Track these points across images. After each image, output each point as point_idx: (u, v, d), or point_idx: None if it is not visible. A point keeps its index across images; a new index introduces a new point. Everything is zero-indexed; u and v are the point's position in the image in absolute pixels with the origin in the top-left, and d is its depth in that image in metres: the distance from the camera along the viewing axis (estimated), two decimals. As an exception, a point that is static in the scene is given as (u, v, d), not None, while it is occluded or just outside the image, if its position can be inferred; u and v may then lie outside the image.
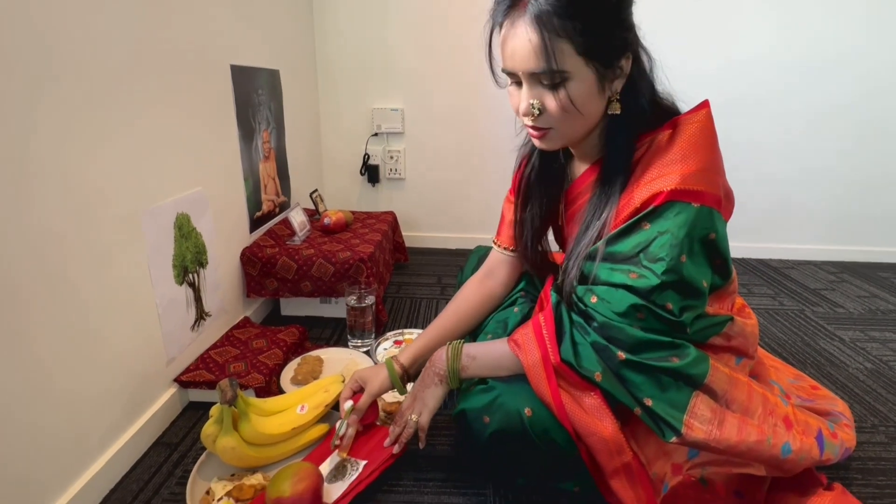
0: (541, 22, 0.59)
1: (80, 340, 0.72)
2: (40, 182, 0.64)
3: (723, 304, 0.75)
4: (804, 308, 1.50)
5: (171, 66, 0.92)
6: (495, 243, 0.94)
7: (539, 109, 0.65)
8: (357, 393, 0.81)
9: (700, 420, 0.64)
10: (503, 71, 0.67)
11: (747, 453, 0.66)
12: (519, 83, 0.66)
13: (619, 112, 0.67)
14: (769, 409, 0.70)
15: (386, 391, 0.80)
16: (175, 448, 0.86)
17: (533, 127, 0.68)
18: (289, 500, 0.67)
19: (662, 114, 0.69)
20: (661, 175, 0.64)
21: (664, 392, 0.64)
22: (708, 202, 0.64)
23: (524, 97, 0.66)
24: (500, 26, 0.65)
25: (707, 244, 0.66)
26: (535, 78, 0.64)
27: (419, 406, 0.77)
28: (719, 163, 0.68)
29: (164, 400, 0.90)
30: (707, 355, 0.68)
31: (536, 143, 0.71)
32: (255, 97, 1.30)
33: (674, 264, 0.62)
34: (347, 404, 0.80)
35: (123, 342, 0.81)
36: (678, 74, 0.71)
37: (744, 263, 1.88)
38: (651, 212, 0.64)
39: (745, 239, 1.91)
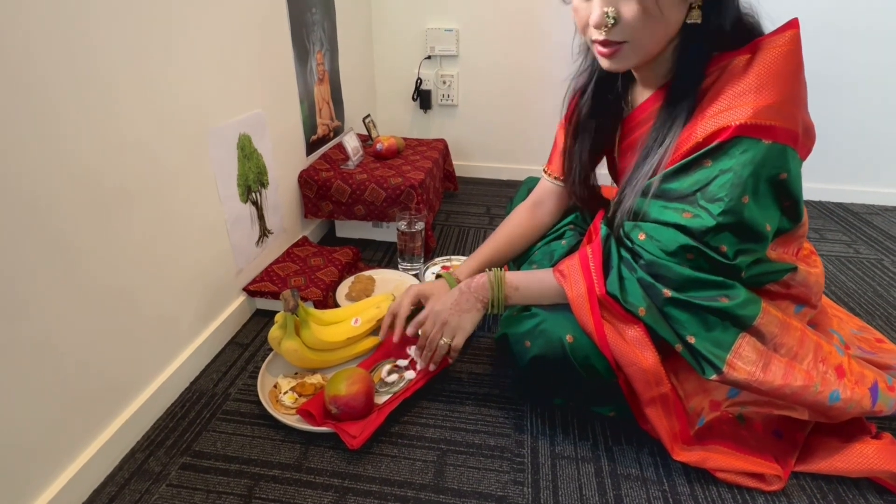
0: None
1: (162, 253, 0.80)
2: (123, 98, 0.69)
3: (788, 248, 0.71)
4: (883, 258, 1.39)
5: (229, -20, 0.92)
6: (545, 172, 0.91)
7: (614, 18, 0.59)
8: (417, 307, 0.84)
9: (744, 361, 0.63)
10: None
11: (791, 396, 0.65)
12: None
13: (699, 21, 0.60)
14: (821, 357, 0.68)
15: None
16: (246, 348, 0.97)
17: (604, 42, 0.62)
18: (344, 398, 0.74)
19: (744, 33, 0.62)
20: (731, 107, 0.58)
21: (709, 331, 0.63)
22: (781, 139, 0.58)
23: (597, 5, 0.59)
24: None
25: (776, 184, 0.61)
26: None
27: (452, 329, 0.77)
28: (802, 94, 0.61)
29: (235, 306, 1.00)
30: (759, 298, 0.66)
31: (605, 62, 0.65)
32: (310, 16, 1.27)
33: (733, 205, 0.59)
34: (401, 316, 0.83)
35: (198, 254, 0.89)
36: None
37: (819, 206, 1.73)
38: (715, 148, 0.59)
39: (821, 179, 1.73)
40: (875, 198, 1.76)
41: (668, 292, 0.63)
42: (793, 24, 0.60)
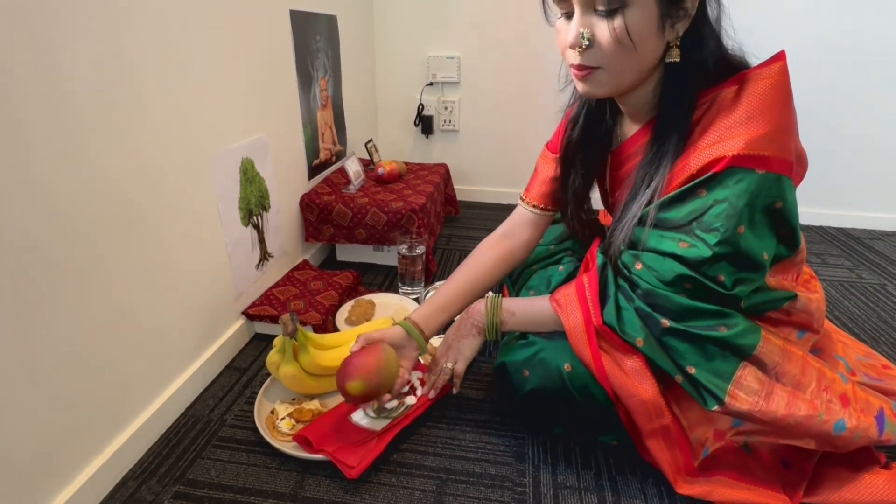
0: None
1: (161, 276, 0.80)
2: (128, 122, 0.70)
3: (787, 274, 0.71)
4: (886, 283, 1.38)
5: (234, 10, 0.94)
6: (522, 199, 0.89)
7: (588, 40, 0.59)
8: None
9: (746, 391, 0.62)
10: (554, 0, 0.62)
11: (795, 427, 0.64)
12: (569, 15, 0.61)
13: (678, 60, 0.61)
14: (824, 385, 0.66)
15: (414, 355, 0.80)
16: (244, 372, 0.96)
17: (579, 66, 0.62)
18: (350, 358, 0.73)
19: (729, 68, 0.62)
20: (723, 139, 0.59)
21: (709, 361, 0.62)
22: (776, 168, 0.58)
23: (574, 26, 0.60)
24: None
25: (772, 213, 0.61)
26: (588, 4, 0.59)
27: (454, 354, 0.79)
28: (793, 123, 0.61)
29: (233, 330, 1.00)
30: (758, 326, 0.65)
31: (580, 85, 0.65)
32: (314, 43, 1.31)
33: (729, 235, 0.59)
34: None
35: (198, 277, 0.89)
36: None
37: (820, 231, 1.73)
38: (709, 178, 0.59)
39: (822, 205, 1.75)
40: (876, 223, 1.77)
41: (666, 322, 0.62)
42: (780, 57, 0.61)
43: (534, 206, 0.88)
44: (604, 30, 0.58)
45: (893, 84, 1.59)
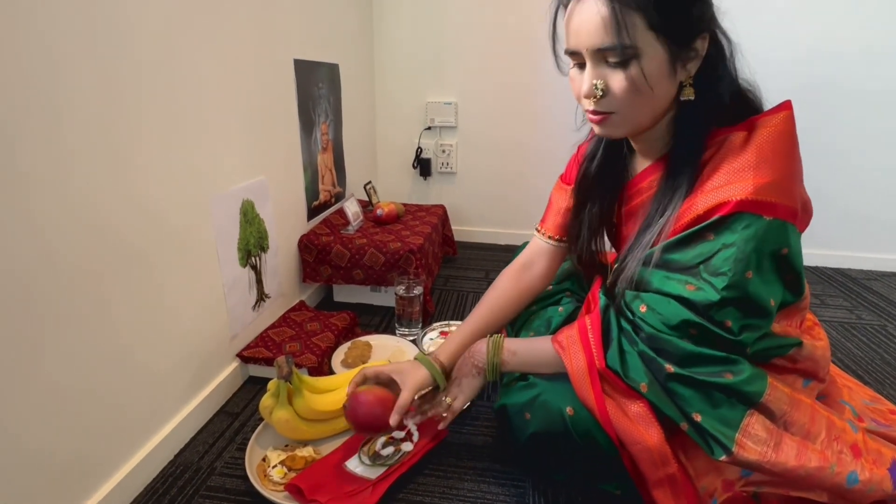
0: None
1: (156, 317, 0.79)
2: (123, 169, 0.71)
3: (792, 320, 0.70)
4: (886, 324, 1.38)
5: (240, 61, 0.98)
6: (538, 230, 0.90)
7: (602, 91, 0.61)
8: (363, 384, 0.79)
9: (754, 440, 0.60)
10: (566, 52, 0.64)
11: (807, 479, 0.61)
12: (582, 65, 0.63)
13: (692, 98, 0.62)
14: (834, 435, 0.65)
15: (426, 387, 0.78)
16: (236, 417, 0.93)
17: (594, 111, 0.64)
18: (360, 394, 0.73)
19: (745, 108, 0.64)
20: (730, 182, 0.59)
21: (715, 408, 0.61)
22: (782, 215, 0.59)
23: (587, 77, 0.62)
24: (566, 5, 0.62)
25: (778, 259, 0.61)
26: (600, 56, 0.60)
27: (455, 390, 0.78)
28: (799, 171, 0.62)
29: (227, 373, 0.98)
30: (765, 373, 0.64)
31: (596, 128, 0.67)
32: (316, 90, 1.36)
33: (737, 280, 0.58)
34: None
35: (193, 318, 0.88)
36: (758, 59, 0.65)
37: (818, 272, 1.74)
38: (717, 222, 0.59)
39: (819, 246, 1.76)
40: (874, 263, 1.78)
41: (670, 367, 0.61)
42: (786, 106, 0.62)
43: (549, 238, 0.88)
44: (616, 79, 0.60)
45: (885, 127, 1.64)
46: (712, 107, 0.63)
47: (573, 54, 0.64)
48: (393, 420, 0.73)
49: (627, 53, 0.58)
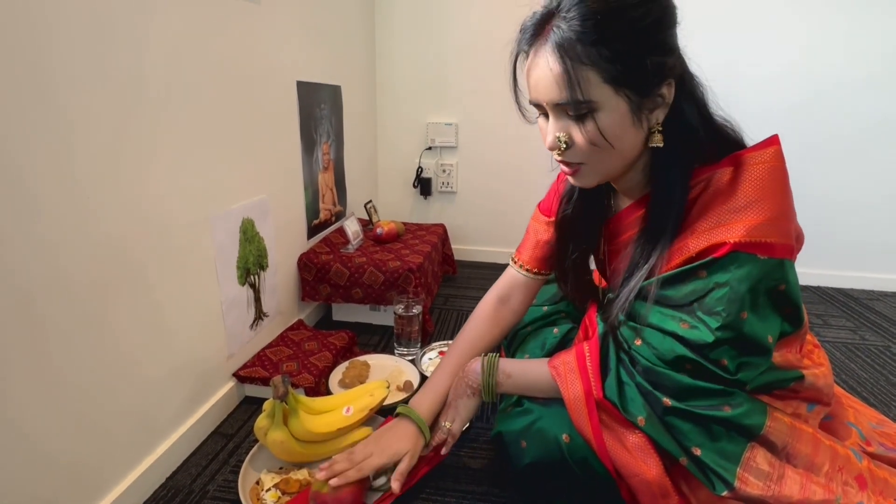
0: (563, 50, 0.55)
1: (155, 335, 0.78)
2: (128, 188, 0.72)
3: (791, 347, 0.69)
4: (890, 344, 1.36)
5: (244, 82, 1.00)
6: (514, 261, 0.88)
7: (566, 143, 0.60)
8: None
9: (756, 474, 0.59)
10: (530, 103, 0.64)
11: None
12: (546, 115, 0.63)
13: (661, 145, 0.61)
14: (838, 465, 0.63)
15: (421, 447, 0.76)
16: (230, 438, 0.91)
17: (563, 162, 0.64)
18: (325, 497, 0.69)
19: (724, 144, 0.63)
20: (723, 224, 0.58)
21: (714, 441, 0.59)
22: (779, 254, 0.58)
23: (550, 130, 0.61)
24: (526, 55, 0.61)
25: (775, 295, 0.60)
26: (560, 109, 0.60)
27: (452, 413, 0.77)
28: (791, 208, 0.61)
29: (222, 392, 0.96)
30: (764, 405, 0.63)
31: (571, 180, 0.67)
32: (318, 111, 1.38)
33: (731, 320, 0.57)
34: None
35: (191, 337, 0.87)
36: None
37: (819, 292, 1.73)
38: (710, 262, 0.58)
39: (820, 265, 1.76)
40: (875, 283, 1.78)
41: (667, 401, 0.60)
42: (773, 141, 0.61)
43: (527, 270, 0.87)
44: (578, 133, 0.59)
45: (885, 145, 1.65)
46: (687, 149, 0.62)
47: (537, 105, 0.63)
48: (396, 487, 0.72)
49: (583, 108, 0.57)
